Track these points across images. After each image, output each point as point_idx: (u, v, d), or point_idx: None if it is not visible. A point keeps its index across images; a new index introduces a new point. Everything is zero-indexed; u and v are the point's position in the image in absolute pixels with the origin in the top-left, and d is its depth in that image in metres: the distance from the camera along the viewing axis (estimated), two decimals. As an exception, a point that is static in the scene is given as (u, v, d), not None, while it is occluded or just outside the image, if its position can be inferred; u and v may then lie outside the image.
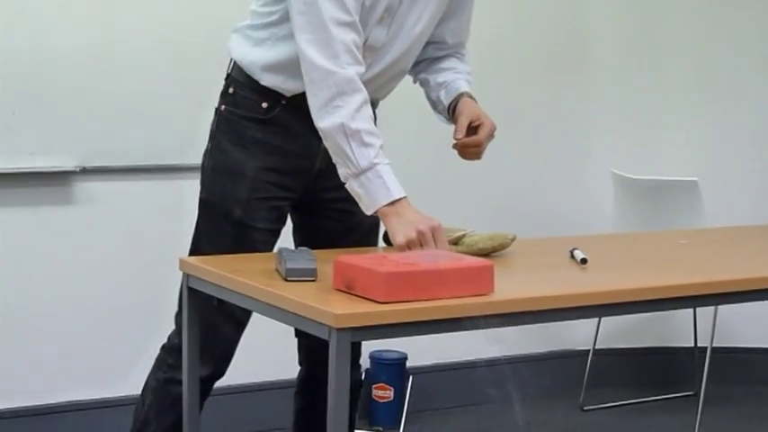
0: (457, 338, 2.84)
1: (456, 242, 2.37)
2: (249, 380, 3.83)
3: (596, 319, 4.30)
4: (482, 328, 1.91)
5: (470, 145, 2.50)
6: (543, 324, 2.03)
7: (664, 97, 4.60)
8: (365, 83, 2.35)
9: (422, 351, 4.08)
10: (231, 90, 2.50)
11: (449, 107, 2.57)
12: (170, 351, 2.50)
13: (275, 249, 2.39)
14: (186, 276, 2.25)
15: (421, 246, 2.20)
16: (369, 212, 2.27)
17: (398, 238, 2.22)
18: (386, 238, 2.44)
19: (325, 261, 2.07)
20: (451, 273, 1.92)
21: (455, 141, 2.50)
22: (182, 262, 2.28)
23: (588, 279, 2.24)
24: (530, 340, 4.37)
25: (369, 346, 2.57)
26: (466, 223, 2.47)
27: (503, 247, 2.41)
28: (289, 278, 2.03)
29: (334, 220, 2.55)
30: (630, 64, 4.58)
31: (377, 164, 2.24)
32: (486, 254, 2.36)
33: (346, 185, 2.29)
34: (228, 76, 2.53)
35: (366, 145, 2.25)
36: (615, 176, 4.31)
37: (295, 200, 2.53)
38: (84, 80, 3.61)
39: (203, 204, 2.51)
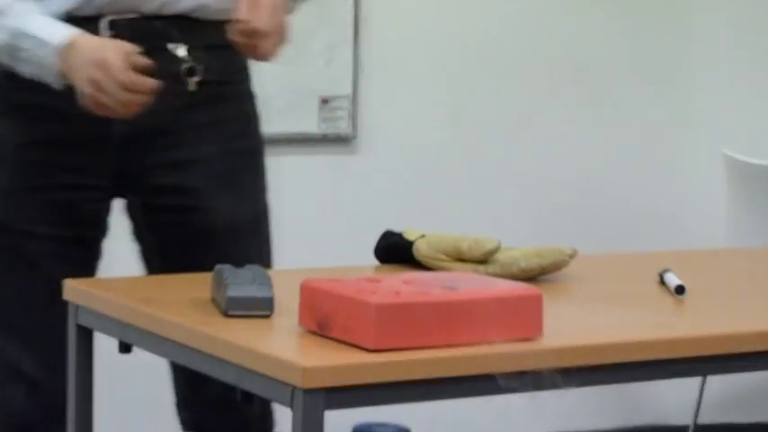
0: (485, 406, 2.84)
1: (486, 259, 2.38)
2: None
3: (698, 378, 4.31)
4: (524, 391, 1.91)
5: (252, 34, 2.33)
6: (618, 385, 2.03)
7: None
8: None
9: (432, 424, 4.08)
10: None
11: None
12: None
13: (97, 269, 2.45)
14: (75, 308, 2.27)
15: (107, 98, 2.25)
16: (57, 85, 2.33)
17: (86, 100, 2.29)
18: (378, 251, 2.44)
19: (286, 286, 2.07)
20: (479, 306, 1.92)
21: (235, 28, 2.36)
22: (67, 286, 2.29)
23: (687, 317, 2.26)
24: (598, 410, 4.38)
25: (352, 417, 2.56)
26: (503, 232, 2.48)
27: (557, 267, 2.43)
28: (230, 312, 2.03)
29: (173, 217, 2.53)
30: (746, 10, 4.59)
31: (16, 26, 2.30)
32: (531, 277, 2.38)
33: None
34: None
35: None
36: (728, 160, 4.32)
37: (103, 188, 2.51)
38: None
39: None
